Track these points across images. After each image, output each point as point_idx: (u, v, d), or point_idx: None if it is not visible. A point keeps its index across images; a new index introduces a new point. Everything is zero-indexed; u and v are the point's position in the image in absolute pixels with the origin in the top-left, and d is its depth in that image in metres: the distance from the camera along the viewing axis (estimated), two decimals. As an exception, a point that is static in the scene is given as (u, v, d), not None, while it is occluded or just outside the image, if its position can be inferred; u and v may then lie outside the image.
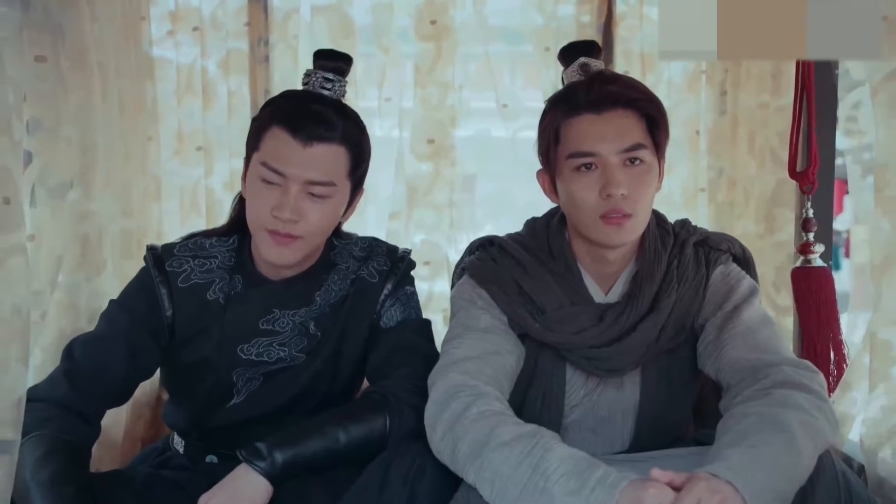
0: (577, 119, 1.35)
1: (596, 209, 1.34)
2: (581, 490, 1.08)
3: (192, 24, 2.16)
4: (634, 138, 1.34)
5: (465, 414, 1.22)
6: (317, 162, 1.37)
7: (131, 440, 1.93)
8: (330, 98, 1.43)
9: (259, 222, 1.40)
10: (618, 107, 1.33)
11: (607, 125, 1.33)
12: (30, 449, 1.25)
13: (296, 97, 1.43)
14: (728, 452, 1.11)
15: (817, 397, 1.22)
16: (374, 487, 1.24)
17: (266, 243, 1.40)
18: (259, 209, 1.39)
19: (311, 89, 1.44)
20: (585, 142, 1.34)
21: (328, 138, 1.37)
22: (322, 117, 1.37)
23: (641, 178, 1.34)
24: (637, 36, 2.16)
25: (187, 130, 2.19)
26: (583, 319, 1.40)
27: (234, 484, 1.27)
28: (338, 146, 1.39)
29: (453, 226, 2.19)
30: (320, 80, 1.44)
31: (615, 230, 1.34)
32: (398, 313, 1.51)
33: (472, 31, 2.15)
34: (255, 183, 1.39)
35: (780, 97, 2.02)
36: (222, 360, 1.46)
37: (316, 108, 1.38)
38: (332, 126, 1.38)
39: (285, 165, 1.36)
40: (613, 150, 1.33)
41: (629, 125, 1.34)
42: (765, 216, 2.08)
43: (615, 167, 1.32)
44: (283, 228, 1.37)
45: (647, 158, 1.35)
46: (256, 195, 1.39)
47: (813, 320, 1.67)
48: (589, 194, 1.34)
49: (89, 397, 1.37)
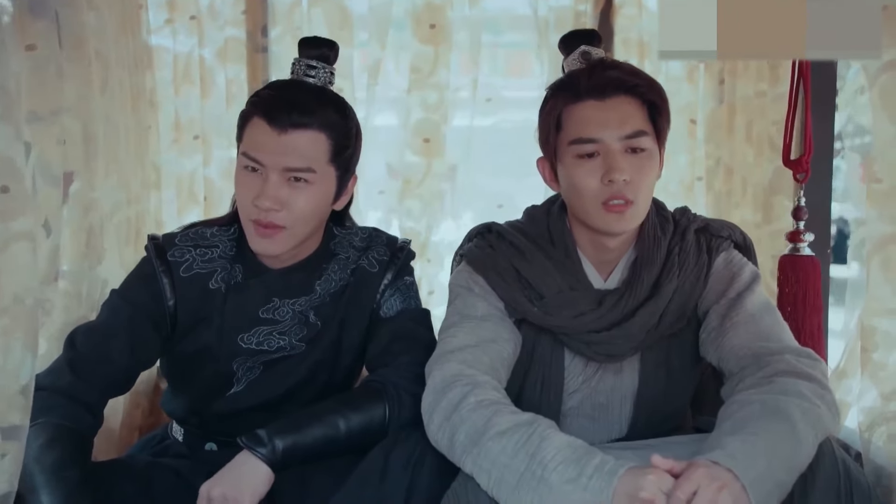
0: (580, 106, 1.35)
1: (598, 196, 1.34)
2: (579, 478, 1.08)
3: (190, 13, 2.15)
4: (637, 125, 1.33)
5: (463, 403, 1.22)
6: (293, 148, 1.37)
7: (129, 429, 1.93)
8: (312, 85, 1.42)
9: (245, 213, 1.41)
10: (620, 93, 1.33)
11: (610, 112, 1.33)
12: (34, 435, 1.25)
13: (277, 86, 1.44)
14: (728, 440, 1.11)
15: (819, 385, 1.22)
16: (374, 474, 1.24)
17: (251, 234, 1.41)
18: (243, 199, 1.40)
19: (296, 77, 1.44)
20: (588, 128, 1.34)
21: (304, 124, 1.37)
22: (297, 104, 1.37)
23: (643, 165, 1.34)
24: (636, 25, 2.16)
25: (185, 119, 2.19)
26: (582, 304, 1.40)
27: (236, 471, 1.27)
28: (316, 132, 1.38)
29: (433, 213, 2.20)
30: (304, 68, 1.44)
31: (616, 218, 1.34)
32: (398, 303, 1.52)
33: (468, 23, 2.14)
34: (240, 173, 1.41)
35: (777, 86, 2.02)
36: (223, 349, 1.47)
37: (293, 95, 1.39)
38: (307, 112, 1.37)
39: (262, 153, 1.37)
40: (616, 136, 1.32)
41: (631, 112, 1.34)
42: (762, 205, 2.08)
43: (617, 153, 1.32)
44: (264, 218, 1.37)
45: (649, 145, 1.34)
46: (240, 186, 1.41)
47: (799, 309, 1.67)
48: (591, 181, 1.34)
49: (92, 386, 1.37)
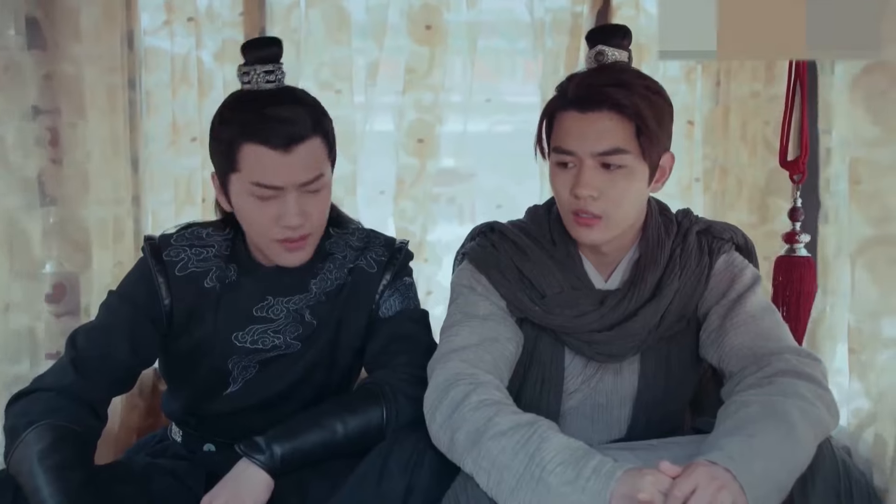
0: (564, 114, 1.34)
1: (568, 206, 1.35)
2: (577, 479, 1.09)
3: (187, 15, 2.14)
4: (614, 143, 1.30)
5: (464, 402, 1.23)
6: (302, 162, 1.35)
7: (127, 430, 1.94)
8: (281, 91, 1.39)
9: (266, 236, 1.39)
10: (603, 108, 1.30)
11: (589, 126, 1.30)
12: (38, 437, 1.26)
13: (249, 106, 1.36)
14: (726, 441, 1.12)
15: (818, 386, 1.23)
16: (373, 476, 1.24)
17: (278, 253, 1.41)
18: (262, 222, 1.38)
19: (255, 87, 1.39)
20: (566, 139, 1.33)
21: (303, 136, 1.35)
22: (288, 118, 1.34)
23: (618, 183, 1.31)
24: (633, 25, 2.14)
25: (182, 121, 2.18)
26: (584, 303, 1.40)
27: (235, 481, 1.28)
28: (312, 138, 1.36)
29: (428, 214, 2.21)
30: (261, 75, 1.39)
31: (585, 230, 1.34)
32: (397, 303, 1.52)
33: (464, 26, 2.14)
34: (248, 200, 1.37)
35: (772, 86, 2.02)
36: (217, 347, 1.47)
37: (277, 110, 1.34)
38: (299, 122, 1.35)
39: (275, 178, 1.34)
40: (589, 151, 1.30)
41: (611, 128, 1.30)
42: (758, 206, 2.09)
43: (589, 168, 1.31)
44: (294, 234, 1.38)
45: (629, 163, 1.31)
46: (254, 211, 1.38)
47: (792, 310, 1.68)
48: (563, 191, 1.34)
49: (96, 385, 1.37)
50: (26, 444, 1.26)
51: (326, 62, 2.12)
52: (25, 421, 1.29)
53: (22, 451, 1.26)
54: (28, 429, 1.27)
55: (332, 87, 2.12)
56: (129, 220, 2.00)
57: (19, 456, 1.26)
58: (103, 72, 1.89)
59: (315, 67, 2.13)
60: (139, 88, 2.09)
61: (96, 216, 1.88)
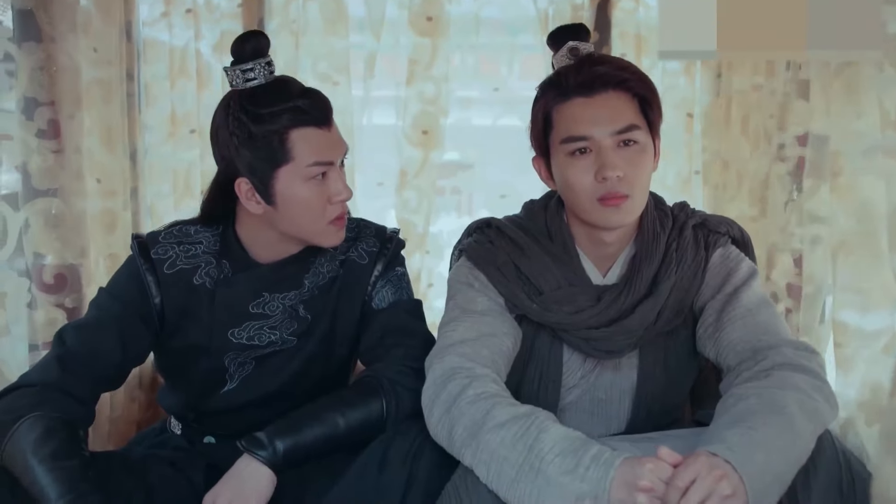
0: (569, 103, 1.34)
1: (593, 192, 1.33)
2: (576, 468, 1.09)
3: (186, 6, 2.14)
4: (627, 119, 1.32)
5: (462, 396, 1.23)
6: (338, 137, 1.42)
7: (126, 423, 1.93)
8: (286, 79, 1.41)
9: (323, 218, 1.41)
10: (608, 88, 1.32)
11: (599, 108, 1.32)
12: (28, 429, 1.25)
13: (278, 97, 1.36)
14: (726, 433, 1.12)
15: (816, 378, 1.23)
16: (373, 467, 1.24)
17: (330, 234, 1.43)
18: (319, 205, 1.39)
19: (262, 80, 1.38)
20: (578, 126, 1.33)
21: (331, 111, 1.41)
22: (318, 98, 1.39)
23: (636, 159, 1.33)
24: (633, 18, 2.15)
25: (181, 113, 2.17)
26: (581, 300, 1.40)
27: (238, 478, 1.27)
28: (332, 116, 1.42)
29: (431, 206, 2.20)
30: (264, 67, 1.38)
31: (613, 211, 1.33)
32: (390, 294, 1.52)
33: (466, 21, 2.14)
34: (304, 188, 1.37)
35: (773, 79, 2.02)
36: (213, 344, 1.46)
37: (305, 94, 1.38)
38: (324, 99, 1.40)
39: (329, 154, 1.38)
40: (607, 132, 1.32)
41: (621, 106, 1.33)
42: (758, 199, 2.08)
43: (609, 149, 1.32)
44: (343, 209, 1.42)
45: (642, 139, 1.34)
46: (311, 197, 1.38)
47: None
48: (584, 178, 1.33)
49: (82, 381, 1.35)
50: (17, 439, 1.24)
51: (324, 54, 2.11)
52: (13, 416, 1.27)
53: (14, 445, 1.24)
54: (16, 423, 1.26)
55: (331, 80, 2.11)
56: (126, 212, 1.99)
57: (11, 450, 1.24)
58: (101, 63, 1.88)
59: (313, 60, 2.12)
60: (137, 80, 2.08)
61: (95, 208, 1.88)
